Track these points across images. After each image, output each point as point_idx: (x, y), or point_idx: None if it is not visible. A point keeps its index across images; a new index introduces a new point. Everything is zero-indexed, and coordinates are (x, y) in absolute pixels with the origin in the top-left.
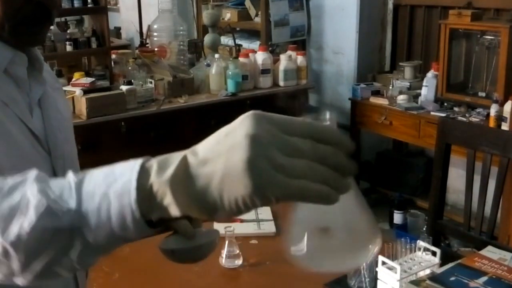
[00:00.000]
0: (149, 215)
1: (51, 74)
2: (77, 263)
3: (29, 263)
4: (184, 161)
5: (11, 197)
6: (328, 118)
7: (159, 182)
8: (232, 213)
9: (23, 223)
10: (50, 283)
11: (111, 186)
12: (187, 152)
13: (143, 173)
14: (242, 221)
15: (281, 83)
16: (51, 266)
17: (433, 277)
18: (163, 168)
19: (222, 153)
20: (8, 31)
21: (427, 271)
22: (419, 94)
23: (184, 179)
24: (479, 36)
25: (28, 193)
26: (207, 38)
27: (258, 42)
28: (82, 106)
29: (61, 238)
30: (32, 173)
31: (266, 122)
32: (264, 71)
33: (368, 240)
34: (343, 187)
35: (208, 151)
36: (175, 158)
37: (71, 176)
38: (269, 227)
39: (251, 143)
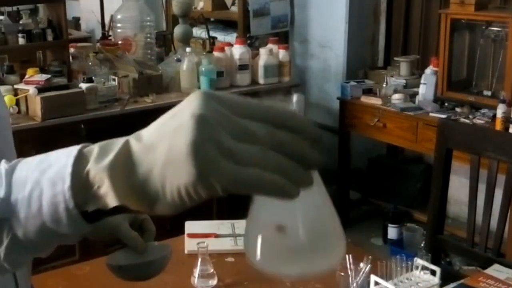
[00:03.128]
0: (85, 206)
1: None
2: (5, 260)
3: None
4: (127, 146)
5: None
6: (294, 101)
7: (97, 168)
8: (175, 205)
9: None
10: None
11: (44, 173)
12: (130, 137)
13: (81, 159)
14: (217, 236)
15: (261, 80)
16: None
17: None
18: (103, 154)
19: (166, 137)
20: None
21: None
22: (417, 93)
23: (124, 166)
24: (484, 27)
25: None
26: (178, 30)
27: (235, 34)
28: (36, 106)
29: None
30: None
31: (216, 102)
32: (242, 67)
33: (331, 244)
34: (303, 181)
35: (153, 135)
36: (117, 143)
37: (2, 163)
38: None
39: (197, 124)
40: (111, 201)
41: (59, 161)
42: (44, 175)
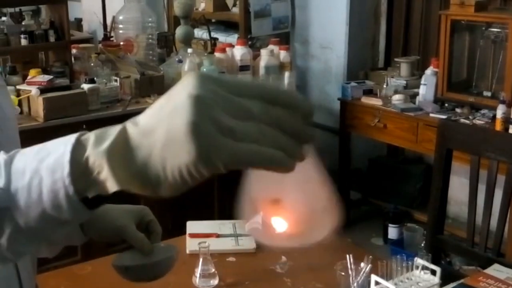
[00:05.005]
0: (85, 192)
1: None
2: (7, 250)
3: None
4: (124, 132)
5: None
6: (286, 81)
7: (96, 154)
8: (177, 186)
9: None
10: None
11: (43, 161)
12: (127, 122)
13: (79, 146)
14: (218, 236)
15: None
16: None
17: None
18: (100, 140)
19: (164, 119)
20: None
21: None
22: (417, 94)
23: (123, 151)
24: (484, 28)
25: None
26: (179, 31)
27: (236, 35)
28: (38, 107)
29: None
30: None
31: (212, 82)
32: (243, 68)
33: (324, 216)
34: (299, 155)
35: (150, 118)
36: (114, 129)
37: (1, 155)
38: (249, 243)
39: (195, 104)
40: (111, 186)
41: (57, 149)
42: (43, 164)
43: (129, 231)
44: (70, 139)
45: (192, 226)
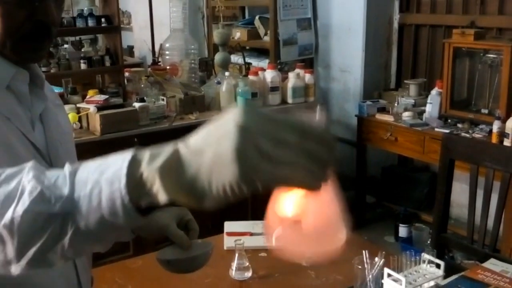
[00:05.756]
0: (139, 201)
1: (52, 91)
2: (69, 250)
3: (23, 248)
4: (176, 151)
5: (8, 184)
6: (317, 112)
7: (149, 170)
8: (220, 200)
9: (16, 208)
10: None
11: (103, 174)
12: (179, 143)
13: (135, 162)
14: (251, 234)
15: (290, 100)
16: (44, 252)
17: None
18: (154, 158)
19: (212, 143)
20: (9, 47)
21: (432, 283)
22: (424, 111)
23: (174, 168)
24: (482, 54)
25: (24, 180)
26: (218, 57)
27: (267, 60)
28: (96, 122)
29: (54, 224)
30: (29, 163)
31: (256, 114)
32: (273, 89)
33: (336, 233)
34: (324, 177)
35: (200, 141)
36: (167, 148)
37: (67, 166)
38: None
39: (240, 132)
40: (162, 197)
41: (116, 164)
42: (103, 176)
43: (170, 229)
44: (127, 155)
45: (229, 226)
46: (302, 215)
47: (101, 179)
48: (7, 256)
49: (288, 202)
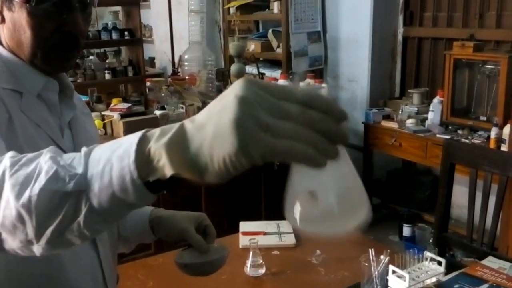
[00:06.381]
0: (147, 177)
1: (81, 101)
2: (84, 228)
3: (41, 226)
4: (182, 127)
5: (27, 166)
6: (322, 90)
7: (157, 146)
8: (222, 174)
9: (34, 187)
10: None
11: (115, 152)
12: (186, 119)
13: (144, 140)
14: (265, 233)
15: None
16: (62, 231)
17: (438, 285)
18: (162, 135)
19: (214, 116)
20: (40, 57)
21: (433, 279)
22: (426, 118)
23: (180, 143)
24: (480, 65)
25: (41, 161)
26: (233, 67)
27: (279, 71)
28: (119, 129)
29: (69, 202)
30: (48, 148)
31: (257, 86)
32: None
33: (356, 208)
34: (330, 152)
35: (203, 116)
36: (175, 125)
37: (83, 148)
38: (290, 239)
39: (239, 103)
40: (168, 171)
41: (127, 141)
42: (114, 153)
43: (189, 233)
44: (138, 133)
45: (244, 226)
46: (321, 190)
47: (113, 157)
48: (28, 236)
49: (305, 177)
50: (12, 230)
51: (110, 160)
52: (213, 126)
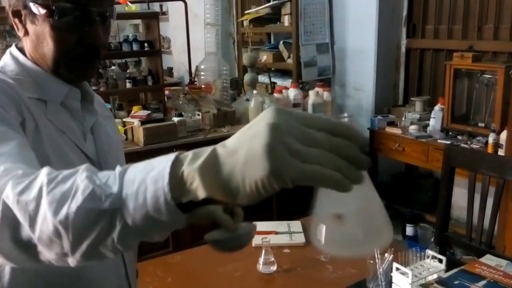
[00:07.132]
0: (180, 198)
1: (102, 105)
2: (118, 243)
3: (77, 241)
4: (214, 152)
5: (64, 184)
6: (346, 119)
7: (190, 169)
8: (253, 196)
9: (71, 204)
10: (106, 283)
11: (149, 173)
12: (218, 145)
13: (177, 162)
14: (276, 233)
15: None
16: (96, 245)
17: (439, 281)
18: (195, 158)
19: (246, 142)
20: (63, 67)
21: (435, 276)
22: (428, 125)
23: (212, 167)
24: (479, 75)
25: (78, 180)
26: (247, 77)
27: (290, 80)
28: (139, 134)
29: (104, 219)
30: (83, 165)
31: (286, 114)
32: (295, 105)
33: (379, 231)
34: (355, 177)
35: (235, 142)
36: (206, 150)
37: (117, 167)
38: (300, 238)
39: (271, 130)
40: (201, 193)
41: (160, 164)
42: (149, 175)
43: (217, 214)
44: (171, 156)
45: (257, 225)
46: (346, 214)
47: (147, 178)
48: (63, 249)
49: (330, 201)
50: (49, 244)
51: (145, 181)
52: (245, 151)
